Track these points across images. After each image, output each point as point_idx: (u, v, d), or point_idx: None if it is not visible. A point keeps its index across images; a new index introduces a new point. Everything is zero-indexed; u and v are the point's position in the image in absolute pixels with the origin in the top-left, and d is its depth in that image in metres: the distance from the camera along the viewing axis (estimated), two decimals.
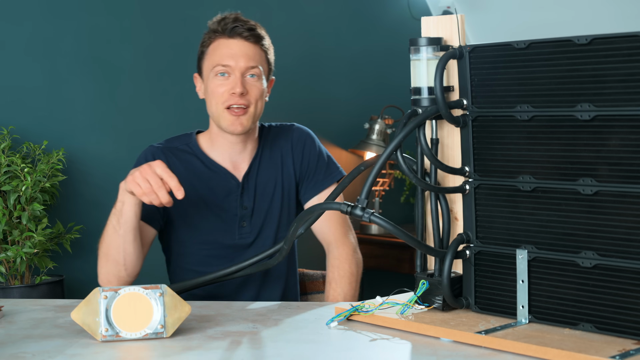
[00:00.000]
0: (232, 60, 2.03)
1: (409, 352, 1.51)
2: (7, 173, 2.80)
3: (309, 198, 2.16)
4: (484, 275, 1.66)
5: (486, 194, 1.64)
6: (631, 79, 1.41)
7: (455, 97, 1.69)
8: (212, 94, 2.04)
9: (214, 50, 2.06)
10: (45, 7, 3.11)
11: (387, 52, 4.18)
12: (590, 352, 1.38)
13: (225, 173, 2.11)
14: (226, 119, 2.04)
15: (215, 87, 2.04)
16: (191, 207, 2.08)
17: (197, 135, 2.16)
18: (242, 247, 2.11)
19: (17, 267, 2.78)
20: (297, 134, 2.19)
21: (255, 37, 2.06)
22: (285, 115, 3.80)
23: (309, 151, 2.18)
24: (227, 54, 2.03)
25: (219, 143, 2.11)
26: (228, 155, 2.12)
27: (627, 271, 1.44)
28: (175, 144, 2.14)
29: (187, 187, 2.03)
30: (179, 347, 1.52)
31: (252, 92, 2.04)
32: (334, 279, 2.08)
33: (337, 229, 2.13)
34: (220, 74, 2.03)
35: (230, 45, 2.04)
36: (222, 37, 2.05)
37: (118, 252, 1.94)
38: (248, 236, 2.12)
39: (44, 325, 1.69)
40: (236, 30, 2.04)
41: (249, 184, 2.12)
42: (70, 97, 3.18)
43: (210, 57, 2.06)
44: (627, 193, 1.43)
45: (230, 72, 2.03)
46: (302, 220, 1.79)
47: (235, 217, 2.11)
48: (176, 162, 2.10)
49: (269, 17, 3.77)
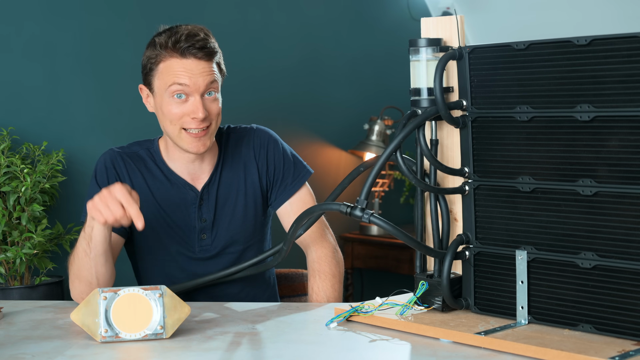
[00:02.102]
0: (189, 80, 1.90)
1: (409, 352, 1.51)
2: (7, 174, 2.80)
3: (281, 204, 2.07)
4: (483, 276, 1.66)
5: (486, 195, 1.64)
6: (630, 79, 1.41)
7: (454, 98, 1.69)
8: (168, 115, 1.93)
9: (166, 68, 1.91)
10: (45, 7, 3.11)
11: (387, 53, 4.19)
12: (589, 352, 1.38)
13: (184, 184, 2.03)
14: (185, 140, 1.94)
15: (172, 109, 1.92)
16: (152, 218, 2.02)
17: (159, 141, 2.08)
18: (204, 259, 2.04)
19: (17, 268, 2.78)
20: (259, 138, 2.09)
21: (209, 54, 1.92)
22: (285, 115, 3.80)
23: (274, 155, 2.08)
24: (183, 74, 1.90)
25: (176, 156, 2.03)
26: (185, 167, 2.03)
27: (627, 272, 1.44)
28: (136, 149, 2.06)
29: (146, 198, 2.00)
30: (178, 348, 1.52)
31: (212, 111, 1.94)
32: (316, 283, 2.02)
33: (314, 230, 2.04)
34: (177, 95, 1.91)
35: (185, 65, 1.90)
36: (174, 56, 1.90)
37: (90, 274, 1.86)
38: (209, 249, 2.04)
39: (44, 326, 1.69)
40: (190, 50, 1.89)
41: (209, 195, 2.04)
42: (69, 97, 3.18)
43: (163, 75, 1.92)
44: (626, 194, 1.43)
45: (188, 93, 1.91)
46: (301, 221, 1.79)
47: (194, 229, 2.03)
48: (135, 169, 2.03)
49: (269, 18, 3.77)
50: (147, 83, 2.00)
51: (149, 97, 2.01)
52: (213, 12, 3.56)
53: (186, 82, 1.90)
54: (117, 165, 2.02)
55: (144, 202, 1.95)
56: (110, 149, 2.07)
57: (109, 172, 2.02)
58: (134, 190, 1.79)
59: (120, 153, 2.05)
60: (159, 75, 1.94)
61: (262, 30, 3.74)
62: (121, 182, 1.77)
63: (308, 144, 3.89)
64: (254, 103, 3.68)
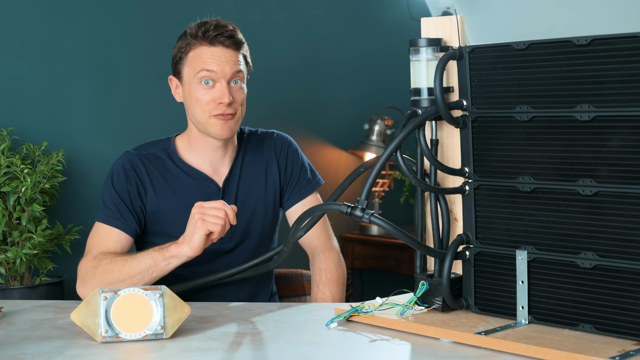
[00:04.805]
0: (216, 67, 2.00)
1: (409, 353, 1.51)
2: (7, 174, 2.79)
3: (292, 204, 2.17)
4: (483, 276, 1.66)
5: (486, 195, 1.64)
6: (631, 79, 1.41)
7: (454, 97, 1.69)
8: (197, 102, 2.02)
9: (195, 56, 2.03)
10: (45, 8, 3.11)
11: (387, 53, 4.19)
12: (590, 352, 1.38)
13: (205, 178, 2.08)
14: (215, 125, 2.02)
15: (201, 95, 2.01)
16: (173, 215, 2.05)
17: (175, 139, 2.14)
18: (221, 252, 2.08)
19: (17, 268, 2.77)
20: (280, 141, 2.20)
21: (237, 44, 2.04)
22: (285, 115, 3.80)
23: (293, 159, 2.19)
24: (211, 60, 2.01)
25: (199, 147, 2.09)
26: (209, 159, 2.10)
27: (627, 272, 1.44)
28: (152, 150, 2.11)
29: (167, 196, 2.05)
30: (178, 348, 1.52)
31: (237, 99, 2.03)
32: (322, 282, 2.08)
33: (322, 235, 2.15)
34: (204, 82, 2.01)
35: (213, 52, 2.01)
36: (203, 44, 2.02)
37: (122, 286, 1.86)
38: (229, 242, 2.08)
39: (44, 327, 1.69)
40: (218, 38, 2.01)
41: (230, 189, 2.10)
42: (69, 98, 3.18)
43: (192, 62, 2.03)
44: (626, 194, 1.43)
45: (216, 80, 2.01)
46: (302, 222, 1.79)
47: None
48: (154, 170, 2.07)
49: (269, 18, 3.77)
50: (176, 73, 2.09)
51: (178, 87, 2.10)
52: (213, 12, 3.55)
53: (214, 69, 2.00)
54: (136, 167, 2.06)
55: (166, 201, 2.04)
56: (127, 152, 2.10)
57: (128, 174, 2.05)
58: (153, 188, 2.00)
59: (138, 155, 2.09)
60: (188, 63, 2.04)
61: (262, 30, 3.73)
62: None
63: (308, 144, 3.89)
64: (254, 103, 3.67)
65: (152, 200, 2.05)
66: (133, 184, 2.04)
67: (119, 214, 2.01)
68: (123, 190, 2.03)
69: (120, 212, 2.01)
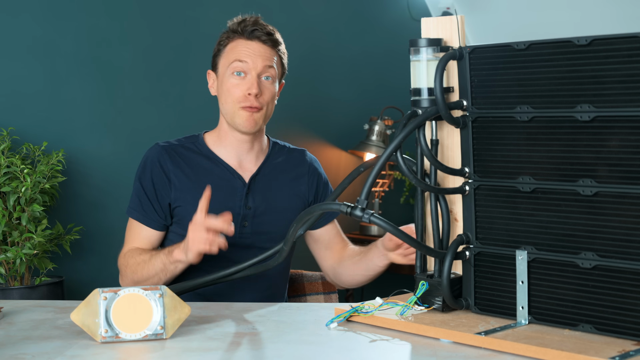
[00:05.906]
0: (249, 59, 2.09)
1: (409, 353, 1.51)
2: (7, 174, 2.80)
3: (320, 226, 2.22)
4: (483, 276, 1.66)
5: (486, 195, 1.64)
6: (631, 79, 1.41)
7: (455, 98, 1.69)
8: (228, 92, 2.10)
9: (232, 49, 2.11)
10: (45, 8, 3.11)
11: (387, 53, 4.19)
12: (590, 353, 1.38)
13: (232, 171, 2.15)
14: (241, 116, 2.09)
15: (232, 86, 2.09)
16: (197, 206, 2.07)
17: (204, 135, 2.21)
18: (241, 246, 2.11)
19: (17, 268, 2.78)
20: (314, 162, 2.28)
21: (273, 41, 2.14)
22: (285, 115, 3.80)
23: (323, 184, 2.26)
24: (245, 52, 2.09)
25: (227, 141, 2.16)
26: (235, 153, 2.16)
27: (627, 272, 1.44)
28: (182, 142, 2.19)
29: (193, 188, 2.11)
30: (178, 349, 1.52)
31: (265, 94, 2.11)
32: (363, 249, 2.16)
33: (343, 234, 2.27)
34: (236, 73, 2.09)
35: (249, 45, 2.10)
36: (241, 37, 2.12)
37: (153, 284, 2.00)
38: (248, 237, 2.13)
39: (44, 327, 1.69)
40: (255, 33, 2.11)
41: (256, 185, 2.15)
42: (69, 98, 3.18)
43: (228, 54, 2.11)
44: (626, 194, 1.43)
45: (247, 72, 2.09)
46: (301, 221, 1.79)
47: (238, 216, 2.12)
48: (181, 162, 2.14)
49: (269, 17, 3.75)
50: (214, 66, 2.17)
51: (214, 81, 2.17)
52: (213, 12, 3.56)
53: (247, 60, 2.09)
54: (162, 160, 2.13)
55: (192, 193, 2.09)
56: (156, 144, 2.18)
57: (154, 168, 2.13)
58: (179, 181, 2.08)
59: (165, 147, 2.16)
60: (224, 55, 2.13)
61: None
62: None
63: (308, 144, 3.89)
64: None
65: (176, 192, 2.11)
66: (158, 177, 2.11)
67: (141, 207, 2.10)
68: (148, 183, 2.11)
69: (142, 205, 2.10)
